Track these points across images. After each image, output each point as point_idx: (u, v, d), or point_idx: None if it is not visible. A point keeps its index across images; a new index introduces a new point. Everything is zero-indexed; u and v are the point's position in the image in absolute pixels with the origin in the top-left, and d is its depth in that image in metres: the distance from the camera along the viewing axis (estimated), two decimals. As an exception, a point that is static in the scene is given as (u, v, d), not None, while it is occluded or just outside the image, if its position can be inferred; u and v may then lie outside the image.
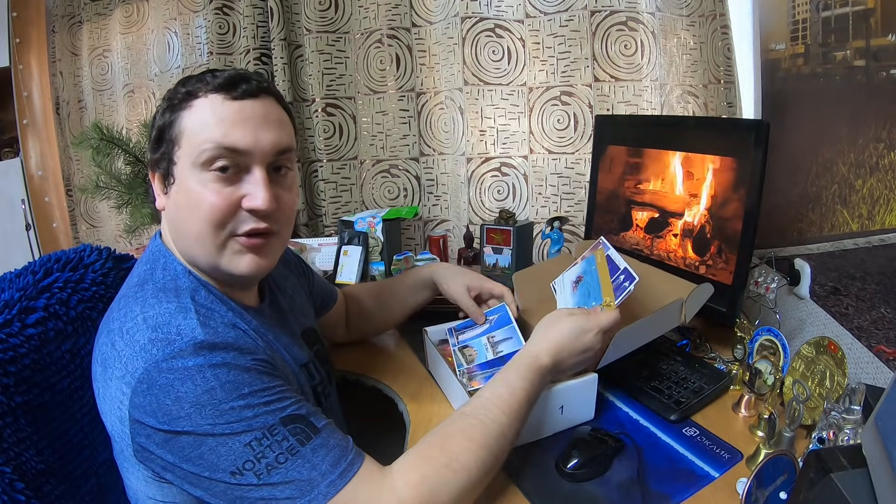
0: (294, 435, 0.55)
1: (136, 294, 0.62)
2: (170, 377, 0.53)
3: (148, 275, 0.64)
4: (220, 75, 0.63)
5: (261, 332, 0.68)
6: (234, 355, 0.56)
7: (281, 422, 0.55)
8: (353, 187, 1.70)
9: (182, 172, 0.62)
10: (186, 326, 0.57)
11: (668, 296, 0.91)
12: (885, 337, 0.83)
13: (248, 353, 0.58)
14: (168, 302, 0.60)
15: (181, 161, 0.62)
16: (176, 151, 0.62)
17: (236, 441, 0.53)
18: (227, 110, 0.61)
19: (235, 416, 0.53)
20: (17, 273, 0.72)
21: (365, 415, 1.06)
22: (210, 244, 0.62)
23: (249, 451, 0.53)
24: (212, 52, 1.62)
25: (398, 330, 1.20)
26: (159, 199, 0.66)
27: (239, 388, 0.54)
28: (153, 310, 0.59)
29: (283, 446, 0.54)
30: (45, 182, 2.00)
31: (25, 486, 0.60)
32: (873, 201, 0.88)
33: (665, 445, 0.77)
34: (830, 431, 0.66)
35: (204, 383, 0.53)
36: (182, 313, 0.58)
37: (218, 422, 0.53)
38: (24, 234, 1.94)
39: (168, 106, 0.64)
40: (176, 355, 0.54)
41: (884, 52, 0.86)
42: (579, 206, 1.48)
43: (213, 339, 0.56)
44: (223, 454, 0.53)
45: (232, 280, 0.68)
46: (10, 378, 0.63)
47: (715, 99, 1.42)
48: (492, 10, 1.45)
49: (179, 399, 0.53)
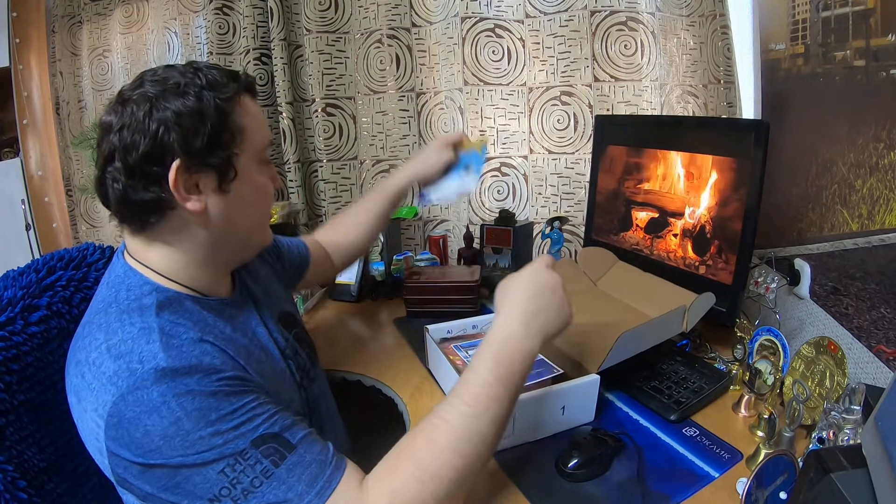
0: (267, 457, 0.53)
1: (101, 321, 0.59)
2: (136, 410, 0.52)
3: (111, 298, 0.62)
4: (237, 74, 0.66)
5: (235, 335, 0.66)
6: (197, 379, 0.54)
7: (252, 444, 0.53)
8: (353, 187, 1.70)
9: (246, 167, 0.65)
10: (148, 352, 0.55)
11: (670, 303, 0.91)
12: (885, 337, 0.83)
13: (215, 372, 0.56)
14: (131, 325, 0.58)
15: (244, 156, 0.65)
16: (238, 145, 0.64)
17: (209, 469, 0.52)
18: (258, 110, 0.69)
19: (205, 444, 0.52)
20: (20, 271, 0.72)
21: (365, 415, 1.07)
22: (266, 225, 0.74)
23: (224, 478, 0.52)
24: (212, 52, 1.62)
25: (398, 330, 1.21)
26: (194, 202, 0.61)
27: (206, 415, 0.53)
28: (116, 336, 0.57)
29: (256, 470, 0.53)
30: (45, 182, 2.00)
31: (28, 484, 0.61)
32: (873, 201, 0.88)
33: (665, 445, 0.77)
34: (830, 431, 0.67)
35: (170, 415, 0.52)
36: (145, 337, 0.56)
37: (189, 452, 0.52)
38: (24, 235, 1.94)
39: (214, 97, 0.61)
40: (140, 386, 0.53)
41: (884, 52, 0.87)
42: (579, 206, 1.48)
43: (176, 363, 0.55)
44: (199, 483, 0.52)
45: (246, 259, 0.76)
46: (12, 376, 0.63)
47: (715, 99, 1.42)
48: (492, 10, 1.45)
49: (148, 433, 0.52)
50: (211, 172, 0.62)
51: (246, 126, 0.65)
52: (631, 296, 1.07)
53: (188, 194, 0.61)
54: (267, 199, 0.71)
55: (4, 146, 1.95)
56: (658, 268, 1.09)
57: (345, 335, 1.23)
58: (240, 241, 0.70)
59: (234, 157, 0.63)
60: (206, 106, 0.60)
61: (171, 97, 0.59)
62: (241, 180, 0.65)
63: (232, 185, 0.64)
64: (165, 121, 0.58)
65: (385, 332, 1.22)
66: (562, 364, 0.86)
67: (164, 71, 0.62)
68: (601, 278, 1.16)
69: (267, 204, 0.72)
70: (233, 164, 0.63)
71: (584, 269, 1.15)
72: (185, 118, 0.59)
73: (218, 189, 0.63)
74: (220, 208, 0.64)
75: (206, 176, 0.62)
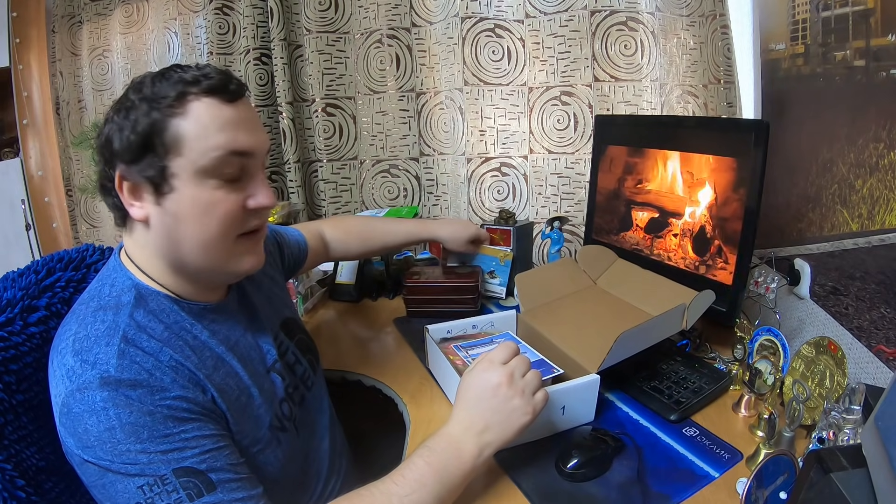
0: (185, 488, 0.54)
1: (81, 311, 0.62)
2: (81, 407, 0.54)
3: (96, 291, 0.64)
4: (203, 75, 0.61)
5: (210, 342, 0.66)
6: (140, 394, 0.55)
7: (174, 473, 0.54)
8: (353, 187, 1.70)
9: (183, 181, 0.60)
10: (104, 356, 0.56)
11: (670, 301, 0.91)
12: (885, 337, 0.83)
13: (160, 391, 0.57)
14: (102, 322, 0.59)
15: (182, 169, 0.60)
16: (172, 159, 0.59)
17: (130, 482, 0.54)
18: (225, 114, 0.61)
19: (131, 458, 0.54)
20: (19, 272, 0.72)
21: (365, 415, 1.07)
22: (220, 249, 0.64)
23: (141, 495, 0.54)
24: (212, 52, 1.62)
25: (398, 330, 1.20)
26: (137, 209, 0.62)
27: (138, 431, 0.54)
28: (84, 330, 0.59)
29: (171, 497, 0.54)
30: (45, 182, 2.00)
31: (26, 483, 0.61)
32: (873, 201, 0.88)
33: (665, 445, 0.77)
34: (830, 431, 0.67)
35: (107, 421, 0.54)
36: (107, 338, 0.58)
37: (115, 460, 0.54)
38: (24, 234, 1.94)
39: (150, 108, 0.59)
40: (87, 387, 0.54)
41: (884, 52, 0.86)
42: (579, 206, 1.48)
43: (123, 374, 0.56)
44: (120, 490, 0.54)
45: (225, 281, 0.72)
46: (11, 376, 0.63)
47: (715, 99, 1.42)
48: (492, 10, 1.45)
49: (87, 430, 0.54)
50: (147, 183, 0.61)
51: (187, 136, 0.59)
52: (631, 294, 1.07)
53: (133, 200, 0.62)
54: (212, 219, 0.62)
55: (4, 146, 1.95)
56: (658, 268, 1.09)
57: (345, 335, 1.23)
58: (195, 260, 0.64)
59: (166, 169, 0.60)
60: (139, 116, 0.59)
61: (121, 107, 0.61)
62: (178, 194, 0.60)
63: (167, 199, 0.61)
64: (111, 129, 0.61)
65: (385, 332, 1.22)
66: (562, 364, 0.86)
67: (142, 76, 0.63)
68: (601, 276, 1.16)
69: (214, 225, 0.62)
70: (166, 178, 0.60)
71: (584, 267, 1.15)
72: (124, 128, 0.60)
73: (155, 201, 0.61)
74: (160, 220, 0.62)
75: (144, 185, 0.61)
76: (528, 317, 1.03)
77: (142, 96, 0.60)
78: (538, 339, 0.96)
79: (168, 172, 0.60)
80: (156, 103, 0.60)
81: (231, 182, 0.62)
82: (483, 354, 0.72)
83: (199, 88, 0.60)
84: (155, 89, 0.60)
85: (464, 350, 0.96)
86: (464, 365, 0.90)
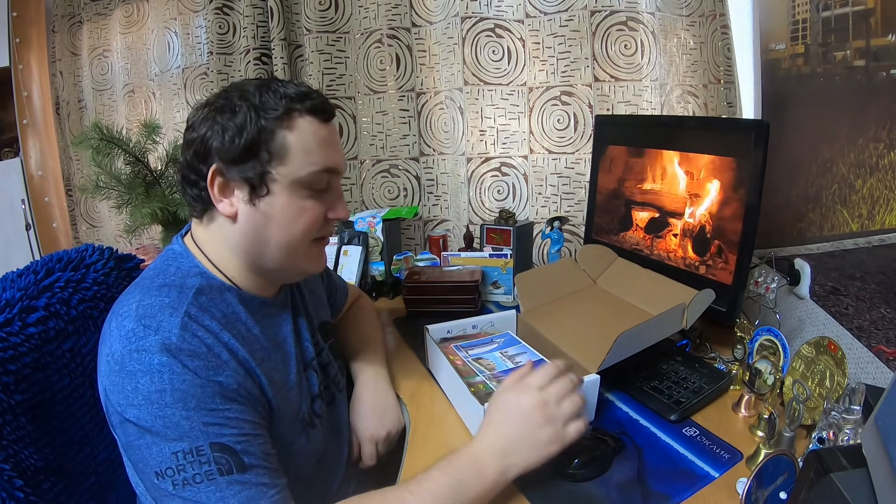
0: (217, 462, 0.56)
1: (145, 284, 0.65)
2: (137, 367, 0.57)
3: (162, 269, 0.68)
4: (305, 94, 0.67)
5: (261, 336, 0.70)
6: (196, 366, 0.58)
7: (210, 446, 0.57)
8: (353, 187, 1.70)
9: (281, 187, 0.66)
10: (167, 324, 0.59)
11: (670, 300, 0.91)
12: (885, 337, 0.83)
13: (214, 368, 0.60)
14: (167, 296, 0.63)
15: (282, 176, 0.66)
16: (275, 166, 0.65)
17: (166, 446, 0.56)
18: (322, 133, 0.68)
19: (174, 422, 0.56)
20: (18, 273, 0.72)
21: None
22: (299, 251, 0.70)
23: (174, 460, 0.56)
24: (212, 51, 1.62)
25: (398, 330, 1.20)
26: (226, 205, 0.67)
27: (186, 399, 0.57)
28: (149, 299, 0.62)
29: (203, 468, 0.56)
30: (45, 182, 2.00)
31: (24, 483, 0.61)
32: (873, 201, 0.88)
33: (665, 445, 0.77)
34: (830, 431, 0.66)
35: (160, 383, 0.56)
36: (171, 310, 0.61)
37: (157, 422, 0.56)
38: (24, 234, 1.94)
39: (260, 117, 0.65)
40: (147, 349, 0.57)
41: (884, 52, 0.86)
42: (579, 206, 1.48)
43: (185, 344, 0.59)
44: (155, 453, 0.56)
45: (291, 279, 0.78)
46: (10, 376, 0.63)
47: (715, 99, 1.42)
48: (492, 10, 1.45)
49: (137, 389, 0.56)
50: (244, 183, 0.66)
51: (292, 148, 0.65)
52: (631, 293, 1.07)
53: (222, 196, 0.67)
54: (299, 224, 0.68)
55: (4, 146, 1.95)
56: (658, 267, 1.09)
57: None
58: (274, 257, 0.69)
59: (268, 175, 0.65)
60: (248, 123, 0.64)
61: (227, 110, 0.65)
62: (273, 198, 0.66)
63: (262, 200, 0.66)
64: (213, 128, 0.65)
65: (385, 332, 1.22)
66: (561, 364, 0.86)
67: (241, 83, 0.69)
68: (601, 276, 1.15)
69: (300, 229, 0.69)
70: (265, 182, 0.65)
71: (584, 266, 1.15)
72: (228, 129, 0.65)
73: (249, 200, 0.66)
74: (249, 218, 0.67)
75: (239, 185, 0.66)
76: (528, 317, 1.03)
77: (249, 104, 0.65)
78: (538, 338, 0.96)
79: (269, 178, 0.65)
80: (264, 112, 0.65)
81: (318, 192, 0.69)
82: (520, 372, 0.71)
83: (304, 106, 0.66)
84: (262, 99, 0.65)
85: (464, 350, 0.95)
86: (463, 365, 0.90)
